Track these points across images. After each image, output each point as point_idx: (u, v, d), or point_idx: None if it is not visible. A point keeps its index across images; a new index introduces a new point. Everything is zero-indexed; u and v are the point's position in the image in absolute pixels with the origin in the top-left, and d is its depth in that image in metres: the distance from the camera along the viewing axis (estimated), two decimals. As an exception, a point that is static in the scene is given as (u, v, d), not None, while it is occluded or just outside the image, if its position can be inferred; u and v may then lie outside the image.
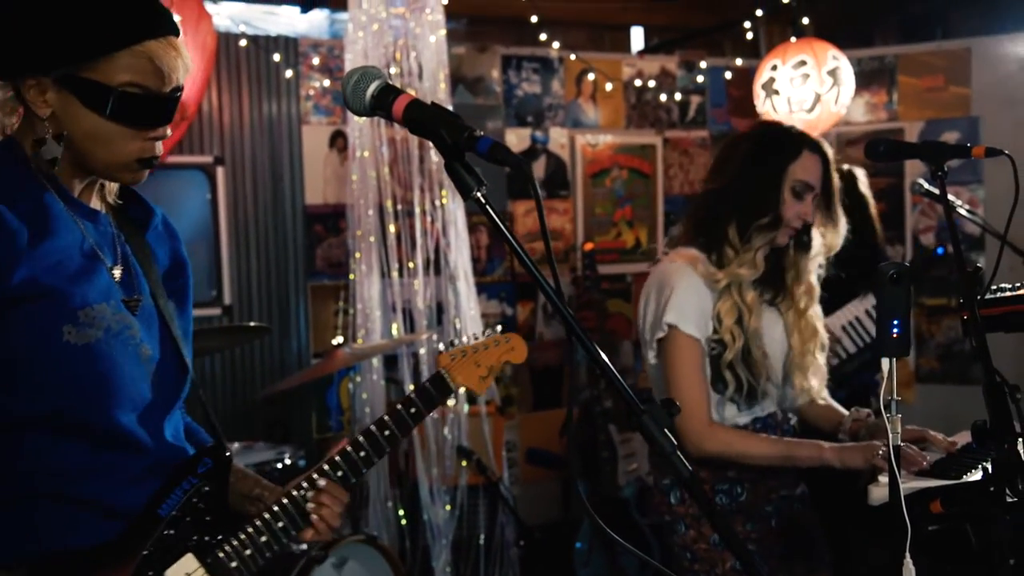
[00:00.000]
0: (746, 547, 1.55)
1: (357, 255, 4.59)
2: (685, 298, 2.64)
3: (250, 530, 1.85)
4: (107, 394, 1.72)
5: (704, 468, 2.67)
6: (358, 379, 4.66)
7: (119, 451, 1.75)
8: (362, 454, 1.95)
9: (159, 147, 1.76)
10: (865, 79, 5.92)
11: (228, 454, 1.88)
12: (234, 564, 1.83)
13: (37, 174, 1.73)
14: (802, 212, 2.67)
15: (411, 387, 4.61)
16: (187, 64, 1.74)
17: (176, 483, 1.80)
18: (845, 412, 2.78)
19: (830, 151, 2.75)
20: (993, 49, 5.74)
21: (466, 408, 4.66)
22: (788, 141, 2.70)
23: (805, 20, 5.61)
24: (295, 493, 1.90)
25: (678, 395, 2.62)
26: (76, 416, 1.70)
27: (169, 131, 1.77)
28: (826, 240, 2.76)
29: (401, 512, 4.62)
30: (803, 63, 5.03)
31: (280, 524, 1.88)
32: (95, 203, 1.83)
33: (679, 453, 1.44)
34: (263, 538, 1.85)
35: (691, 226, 2.78)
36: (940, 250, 5.51)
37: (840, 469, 2.53)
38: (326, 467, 1.94)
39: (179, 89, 1.74)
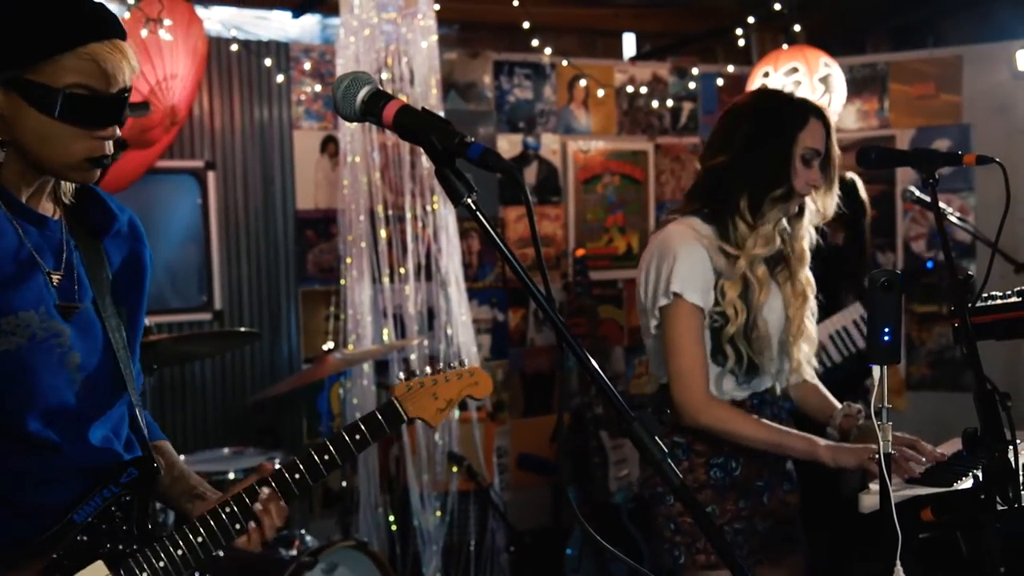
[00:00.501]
0: (729, 548, 1.54)
1: (348, 260, 4.58)
2: (689, 266, 2.61)
3: (166, 542, 1.84)
4: (21, 400, 1.73)
5: (701, 442, 2.66)
6: (349, 384, 4.66)
7: (31, 454, 1.76)
8: (297, 477, 1.92)
9: (109, 146, 1.77)
10: (857, 86, 5.93)
11: (155, 465, 1.89)
12: (145, 574, 1.82)
13: None
14: (812, 179, 2.65)
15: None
16: (133, 66, 1.76)
17: (96, 490, 1.82)
18: (837, 405, 2.77)
19: (830, 115, 2.74)
20: (985, 57, 5.76)
21: (457, 414, 4.65)
22: (794, 109, 2.68)
23: (797, 27, 5.62)
24: (223, 510, 1.88)
25: (678, 365, 2.61)
26: None
27: (118, 131, 1.78)
28: (819, 205, 2.73)
29: (391, 518, 4.61)
30: (795, 70, 5.04)
31: (199, 539, 1.86)
32: (45, 207, 1.84)
33: (669, 461, 1.43)
34: (178, 551, 1.84)
35: (692, 199, 2.74)
36: (930, 263, 5.50)
37: (832, 468, 2.53)
38: (257, 486, 1.91)
39: (126, 90, 1.75)
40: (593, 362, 1.46)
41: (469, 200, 1.45)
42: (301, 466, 1.92)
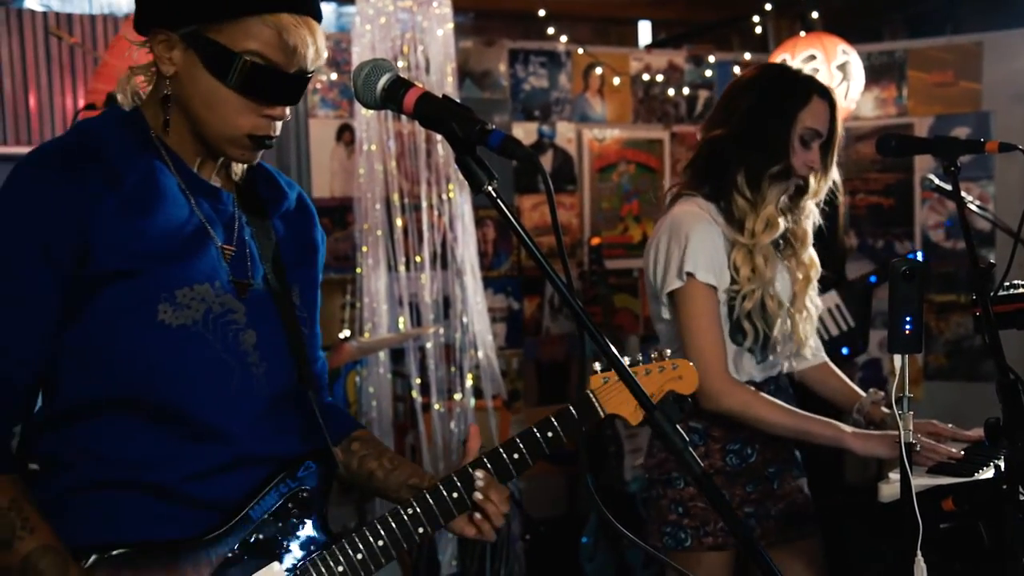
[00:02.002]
0: (751, 535, 1.53)
1: (364, 249, 4.58)
2: (702, 246, 2.56)
3: (346, 545, 1.72)
4: (199, 380, 1.63)
5: (718, 427, 2.63)
6: (365, 373, 4.66)
7: (206, 441, 1.65)
8: (516, 456, 1.78)
9: (276, 127, 1.68)
10: (874, 74, 5.89)
11: (335, 460, 1.79)
12: None
13: (156, 148, 1.67)
14: (809, 160, 2.59)
15: (418, 380, 4.62)
16: (321, 51, 1.66)
17: (273, 484, 1.71)
18: (860, 391, 2.74)
19: (837, 97, 2.67)
20: (1004, 44, 5.71)
21: (472, 402, 4.66)
22: (798, 86, 2.61)
23: (814, 14, 5.59)
24: (405, 512, 1.74)
25: (697, 348, 2.55)
26: (162, 401, 1.62)
27: (288, 113, 1.68)
28: (812, 188, 2.66)
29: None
30: (812, 57, 5.01)
31: (380, 543, 1.72)
32: (216, 180, 1.75)
33: (691, 449, 1.43)
34: (359, 555, 1.71)
35: (693, 174, 2.70)
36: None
37: (861, 456, 2.51)
38: (471, 468, 1.76)
39: (306, 73, 1.66)
40: (613, 349, 1.46)
41: (490, 188, 1.45)
42: (489, 464, 1.77)
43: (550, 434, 1.79)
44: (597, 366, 1.82)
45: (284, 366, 1.74)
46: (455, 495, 1.76)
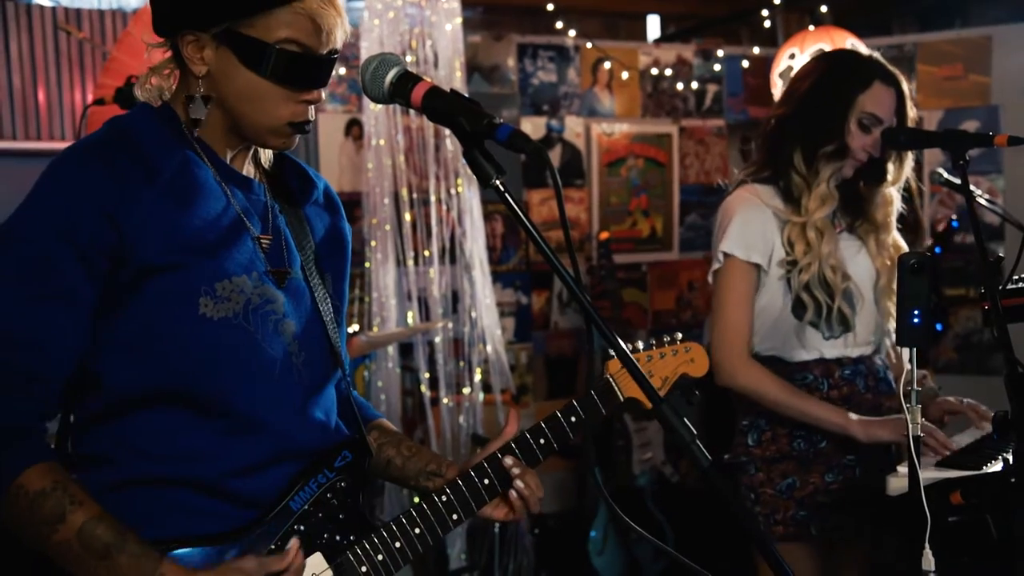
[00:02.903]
0: (762, 534, 1.54)
1: (372, 243, 4.59)
2: (745, 225, 2.61)
3: (384, 534, 1.75)
4: (241, 372, 1.64)
5: None
6: (373, 367, 4.67)
7: (249, 434, 1.66)
8: (542, 441, 1.84)
9: (312, 112, 1.70)
10: (883, 68, 5.87)
11: (369, 450, 1.80)
12: (364, 569, 1.73)
13: (189, 140, 1.69)
14: (868, 145, 2.61)
15: (427, 375, 4.63)
16: (346, 28, 1.70)
17: (311, 475, 1.72)
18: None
19: (905, 83, 2.67)
20: (1013, 37, 5.69)
21: (481, 396, 4.66)
22: (860, 69, 2.63)
23: (823, 8, 5.57)
24: (438, 499, 1.79)
25: (721, 323, 2.61)
26: (205, 394, 1.63)
27: (324, 95, 1.71)
28: (890, 176, 2.69)
29: (416, 499, 4.62)
30: (821, 51, 4.99)
31: (417, 530, 1.76)
32: (248, 170, 1.77)
33: (698, 443, 1.43)
34: (397, 543, 1.74)
35: (761, 155, 2.74)
36: (955, 223, 5.27)
37: (866, 443, 2.51)
38: (500, 454, 1.81)
39: (336, 52, 1.69)
40: (621, 343, 1.46)
41: (498, 182, 1.45)
42: (517, 449, 1.83)
43: (574, 419, 1.86)
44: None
45: (322, 355, 1.76)
46: (486, 481, 1.81)
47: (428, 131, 4.59)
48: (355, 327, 4.73)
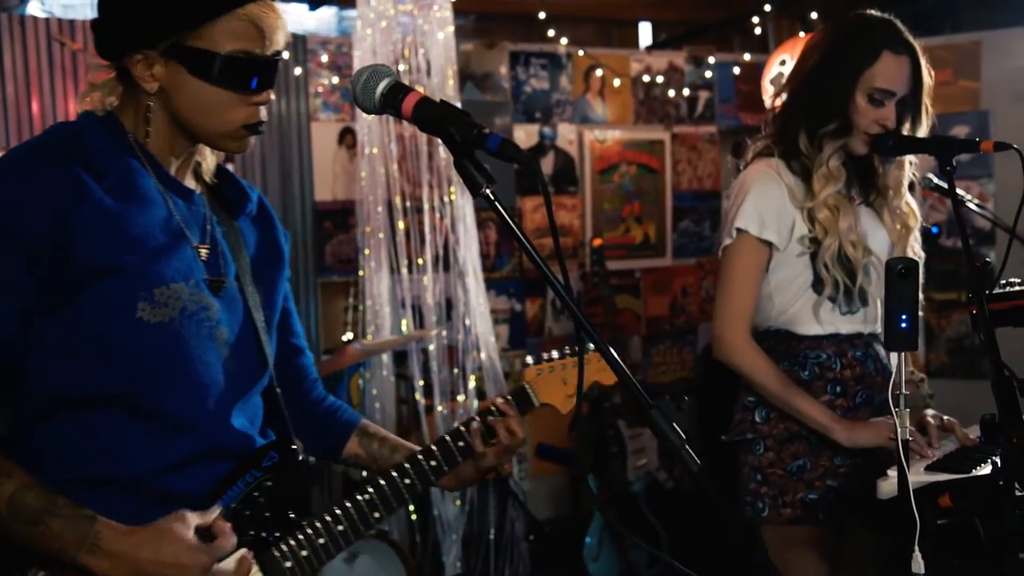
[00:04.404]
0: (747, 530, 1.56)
1: (366, 251, 4.60)
2: (761, 200, 2.55)
3: (309, 531, 1.81)
4: (175, 376, 1.70)
5: None
6: (368, 375, 4.68)
7: (177, 434, 1.72)
8: (432, 463, 1.92)
9: (263, 112, 1.77)
10: (874, 73, 5.89)
11: (295, 448, 1.86)
12: (288, 564, 1.79)
13: (133, 149, 1.74)
14: (881, 118, 2.52)
15: (421, 383, 4.64)
16: (286, 29, 1.77)
17: (239, 475, 1.78)
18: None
19: (919, 48, 2.58)
20: (1003, 43, 5.72)
21: (475, 404, 4.67)
22: (866, 40, 2.54)
23: (814, 15, 5.60)
24: (360, 497, 1.86)
25: (724, 299, 2.58)
26: (138, 396, 1.68)
27: (272, 96, 1.78)
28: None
29: (411, 507, 4.63)
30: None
31: (340, 527, 1.83)
32: (190, 182, 1.83)
33: (688, 447, 1.44)
34: (321, 540, 1.81)
35: (771, 135, 2.68)
36: (935, 228, 5.26)
37: (847, 447, 2.51)
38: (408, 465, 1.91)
39: (279, 53, 1.76)
40: (612, 350, 1.47)
41: (488, 191, 1.47)
42: (437, 451, 1.92)
43: (476, 424, 1.97)
44: (529, 359, 2.03)
45: (252, 363, 1.83)
46: (407, 481, 1.91)
47: (421, 139, 4.60)
48: (349, 335, 4.74)
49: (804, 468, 2.58)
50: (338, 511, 1.84)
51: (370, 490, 1.87)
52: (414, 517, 4.65)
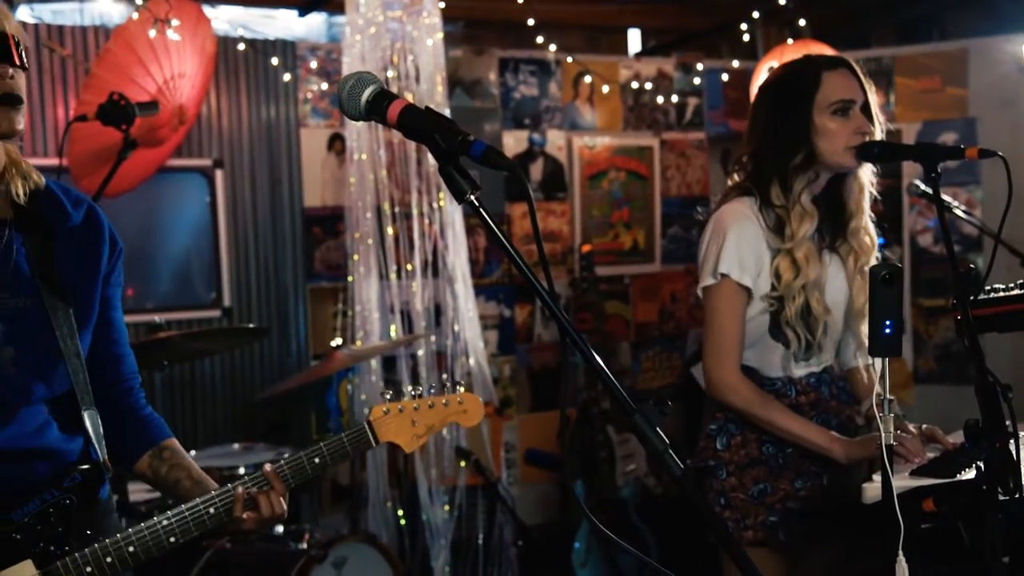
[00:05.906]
0: (733, 538, 1.57)
1: (355, 257, 4.61)
2: (739, 246, 2.60)
3: (98, 549, 1.87)
4: None
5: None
6: (357, 380, 4.68)
7: None
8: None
9: (10, 85, 1.81)
10: (862, 80, 5.91)
11: (102, 473, 1.94)
12: None
13: None
14: (856, 127, 2.58)
15: (410, 388, 4.63)
16: (7, 12, 1.83)
17: (37, 493, 1.86)
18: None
19: (853, 62, 2.66)
20: (990, 50, 5.74)
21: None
22: (803, 73, 2.63)
23: (802, 22, 5.63)
24: (158, 523, 1.91)
25: (714, 344, 2.62)
26: None
27: (11, 71, 1.82)
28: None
29: (400, 512, 4.64)
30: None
31: (131, 549, 1.88)
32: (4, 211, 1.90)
33: (671, 452, 1.45)
34: (108, 559, 1.86)
35: (738, 184, 2.71)
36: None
37: (846, 464, 2.54)
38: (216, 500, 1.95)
39: (4, 32, 1.81)
40: (596, 356, 1.48)
41: (472, 197, 1.48)
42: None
43: (317, 460, 2.01)
44: (388, 396, 2.08)
45: (46, 378, 1.89)
46: (211, 511, 1.94)
47: (410, 146, 4.61)
48: (338, 340, 4.74)
49: (765, 492, 2.66)
50: (132, 533, 1.89)
51: (171, 516, 1.91)
52: (403, 522, 4.65)
